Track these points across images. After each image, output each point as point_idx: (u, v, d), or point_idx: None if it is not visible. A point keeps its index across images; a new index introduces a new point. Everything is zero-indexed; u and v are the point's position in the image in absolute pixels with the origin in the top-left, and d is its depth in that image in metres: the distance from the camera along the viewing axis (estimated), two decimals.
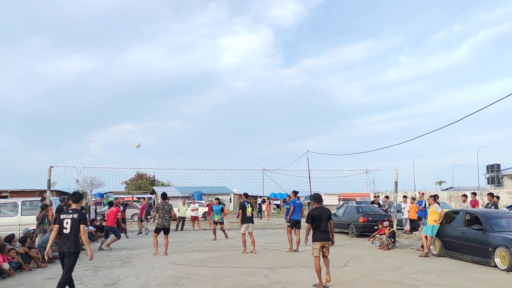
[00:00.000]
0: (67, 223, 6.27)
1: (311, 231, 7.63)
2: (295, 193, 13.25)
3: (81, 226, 6.29)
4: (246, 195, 12.60)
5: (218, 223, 16.31)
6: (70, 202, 6.77)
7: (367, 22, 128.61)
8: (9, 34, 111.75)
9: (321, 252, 7.46)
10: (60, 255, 6.34)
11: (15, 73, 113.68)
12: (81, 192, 51.39)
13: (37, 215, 12.13)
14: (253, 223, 12.35)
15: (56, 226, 6.38)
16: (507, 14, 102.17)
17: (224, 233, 16.31)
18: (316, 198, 7.84)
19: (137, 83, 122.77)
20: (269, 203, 35.45)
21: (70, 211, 6.41)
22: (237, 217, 13.05)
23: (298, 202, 13.20)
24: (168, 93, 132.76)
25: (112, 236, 13.64)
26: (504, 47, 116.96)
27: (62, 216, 6.37)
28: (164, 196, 12.48)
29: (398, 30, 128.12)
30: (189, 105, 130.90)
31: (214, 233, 16.33)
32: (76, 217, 6.31)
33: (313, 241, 7.53)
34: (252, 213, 12.46)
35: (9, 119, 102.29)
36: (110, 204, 16.04)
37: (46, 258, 8.98)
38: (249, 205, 12.34)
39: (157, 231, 11.94)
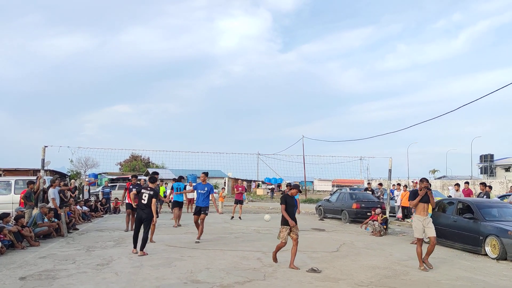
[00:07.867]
0: None
1: None
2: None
3: None
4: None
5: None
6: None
7: (366, 8, 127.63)
8: (2, 12, 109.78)
9: None
10: None
11: (9, 50, 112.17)
12: (75, 172, 51.29)
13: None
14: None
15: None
16: (507, 4, 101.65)
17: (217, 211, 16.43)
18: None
19: (133, 65, 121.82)
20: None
21: None
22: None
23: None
24: (164, 76, 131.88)
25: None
26: (503, 38, 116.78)
27: None
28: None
29: (397, 18, 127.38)
30: (185, 88, 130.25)
31: (177, 218, 14.88)
32: None
33: None
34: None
35: (2, 96, 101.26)
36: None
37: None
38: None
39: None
